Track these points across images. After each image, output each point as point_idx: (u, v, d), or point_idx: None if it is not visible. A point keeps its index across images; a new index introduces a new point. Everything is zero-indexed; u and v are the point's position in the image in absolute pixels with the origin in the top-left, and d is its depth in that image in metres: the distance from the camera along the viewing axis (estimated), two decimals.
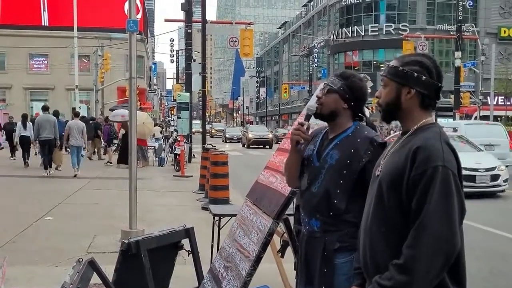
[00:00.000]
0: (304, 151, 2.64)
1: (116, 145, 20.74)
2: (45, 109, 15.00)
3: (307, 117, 2.60)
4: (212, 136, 49.95)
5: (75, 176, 14.00)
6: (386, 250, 1.82)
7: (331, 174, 2.47)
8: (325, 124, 2.66)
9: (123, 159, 16.86)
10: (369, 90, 2.89)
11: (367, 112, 2.75)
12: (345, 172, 2.44)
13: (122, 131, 17.69)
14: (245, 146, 33.81)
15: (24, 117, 17.31)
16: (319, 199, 2.48)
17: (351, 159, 2.44)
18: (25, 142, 15.56)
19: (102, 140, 20.28)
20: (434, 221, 1.69)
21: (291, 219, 3.75)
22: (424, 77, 1.88)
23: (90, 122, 20.31)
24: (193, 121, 26.60)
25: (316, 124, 2.77)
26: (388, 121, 2.03)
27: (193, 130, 23.34)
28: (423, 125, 1.88)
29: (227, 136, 42.54)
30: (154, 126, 21.75)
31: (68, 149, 16.16)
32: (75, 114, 15.99)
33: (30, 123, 16.94)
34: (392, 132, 22.73)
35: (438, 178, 1.71)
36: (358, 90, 2.59)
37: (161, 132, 23.69)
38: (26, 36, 35.75)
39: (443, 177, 1.71)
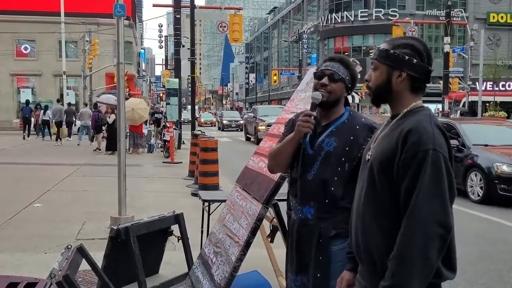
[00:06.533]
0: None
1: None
2: (57, 101, 25.61)
3: (313, 107, 2.48)
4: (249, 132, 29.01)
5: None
6: (378, 234, 1.81)
7: (328, 161, 2.44)
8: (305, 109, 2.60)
9: (109, 146, 16.84)
10: (358, 76, 2.87)
11: (356, 99, 2.75)
12: (343, 159, 2.42)
13: (113, 117, 17.55)
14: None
15: (46, 107, 25.00)
16: (315, 187, 2.45)
17: (351, 146, 2.43)
18: (46, 124, 23.29)
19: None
20: (426, 204, 1.68)
21: (281, 204, 3.75)
22: (415, 60, 1.86)
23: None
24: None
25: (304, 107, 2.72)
26: (378, 105, 2.01)
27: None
28: (413, 108, 1.87)
29: None
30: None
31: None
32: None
33: (49, 111, 23.89)
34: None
35: (429, 162, 1.70)
36: (356, 80, 2.64)
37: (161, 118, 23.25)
38: (12, 21, 35.12)
39: (433, 161, 1.70)
